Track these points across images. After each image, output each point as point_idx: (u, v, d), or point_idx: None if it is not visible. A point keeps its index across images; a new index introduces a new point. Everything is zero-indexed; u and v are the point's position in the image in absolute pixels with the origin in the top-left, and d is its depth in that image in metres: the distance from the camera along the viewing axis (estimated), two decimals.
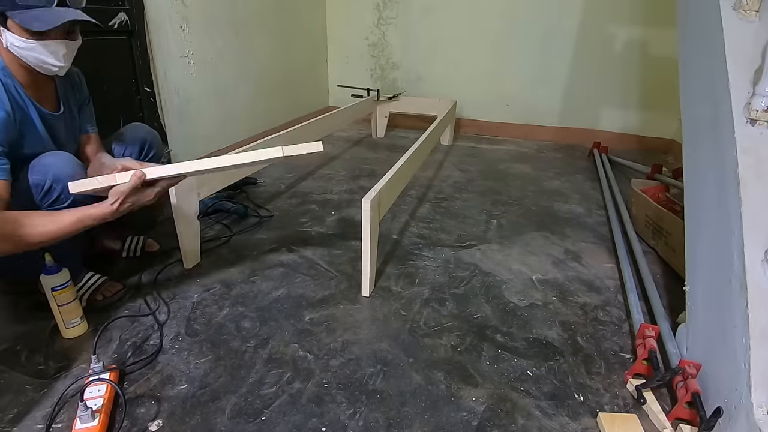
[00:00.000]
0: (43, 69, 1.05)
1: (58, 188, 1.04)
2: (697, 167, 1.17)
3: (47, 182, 1.03)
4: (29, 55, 1.01)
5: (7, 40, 1.00)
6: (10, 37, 0.99)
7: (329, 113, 2.33)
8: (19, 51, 1.01)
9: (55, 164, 1.05)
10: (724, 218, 0.98)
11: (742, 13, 1.07)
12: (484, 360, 1.12)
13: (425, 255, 1.60)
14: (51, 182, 1.03)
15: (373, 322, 1.24)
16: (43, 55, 1.02)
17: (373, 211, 1.25)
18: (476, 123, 3.39)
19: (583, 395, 1.02)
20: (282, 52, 2.90)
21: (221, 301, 1.31)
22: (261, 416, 0.94)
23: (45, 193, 1.04)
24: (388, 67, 3.45)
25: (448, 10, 3.12)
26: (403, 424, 0.93)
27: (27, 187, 1.03)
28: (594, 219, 1.95)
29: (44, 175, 1.03)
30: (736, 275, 0.90)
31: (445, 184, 2.33)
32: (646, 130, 3.04)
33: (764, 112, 0.96)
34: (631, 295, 1.32)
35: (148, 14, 1.85)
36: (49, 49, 1.01)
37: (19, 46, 1.00)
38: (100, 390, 0.93)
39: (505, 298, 1.37)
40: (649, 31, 2.79)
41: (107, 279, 1.30)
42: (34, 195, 1.04)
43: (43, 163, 1.05)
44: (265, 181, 2.27)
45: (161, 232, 1.69)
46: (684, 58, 1.32)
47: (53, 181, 1.03)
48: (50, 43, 1.01)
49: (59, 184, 1.03)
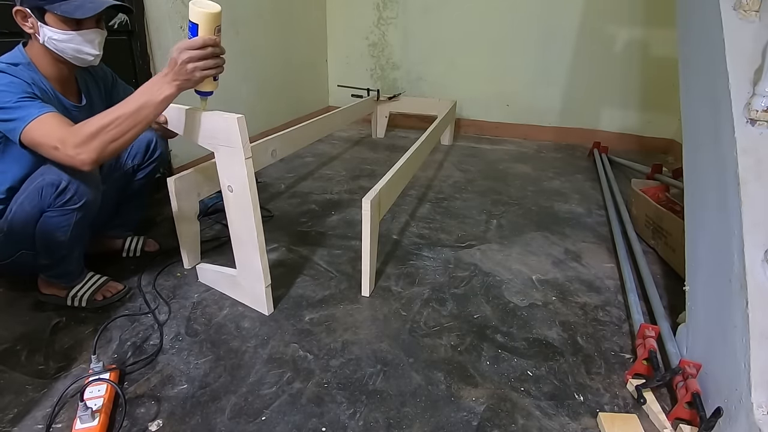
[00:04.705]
0: (80, 60, 1.10)
1: (72, 189, 1.06)
2: (697, 167, 1.17)
3: (62, 182, 1.05)
4: (67, 47, 1.06)
5: (45, 35, 1.04)
6: (48, 31, 1.03)
7: (329, 113, 2.33)
8: (57, 44, 1.05)
9: None
10: (724, 218, 0.98)
11: (742, 13, 1.07)
12: (484, 360, 1.12)
13: (425, 255, 1.60)
14: (66, 183, 1.06)
15: (373, 322, 1.24)
16: (81, 45, 1.07)
17: (373, 211, 1.25)
18: (476, 123, 3.39)
19: (583, 395, 1.02)
20: (282, 52, 2.90)
21: (221, 301, 1.31)
22: (261, 416, 0.94)
23: (59, 193, 1.06)
24: (388, 67, 3.45)
25: (448, 10, 3.12)
26: (403, 424, 0.93)
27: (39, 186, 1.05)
28: (594, 219, 1.95)
29: (60, 175, 1.06)
30: (736, 275, 0.90)
31: (445, 184, 2.33)
32: (646, 130, 3.04)
33: (764, 112, 0.96)
34: (631, 295, 1.32)
35: (148, 14, 1.85)
36: (86, 39, 1.07)
37: (58, 39, 1.04)
38: (100, 390, 0.93)
39: (505, 298, 1.37)
40: (649, 31, 2.79)
41: (108, 279, 1.30)
42: (46, 194, 1.06)
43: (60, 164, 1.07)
44: (265, 181, 2.27)
45: (161, 232, 1.69)
46: (684, 58, 1.32)
47: (68, 182, 1.06)
48: (87, 33, 1.07)
49: (74, 185, 1.06)
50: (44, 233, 1.10)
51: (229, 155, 1.09)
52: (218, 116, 1.08)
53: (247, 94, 2.60)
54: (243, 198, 1.12)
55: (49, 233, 1.10)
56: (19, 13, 1.03)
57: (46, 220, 1.08)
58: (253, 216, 1.12)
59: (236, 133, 1.04)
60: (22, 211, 1.08)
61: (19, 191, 1.09)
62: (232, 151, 1.08)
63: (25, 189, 1.08)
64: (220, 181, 1.16)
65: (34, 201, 1.06)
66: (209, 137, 1.12)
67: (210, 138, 1.12)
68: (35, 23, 1.03)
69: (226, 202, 1.18)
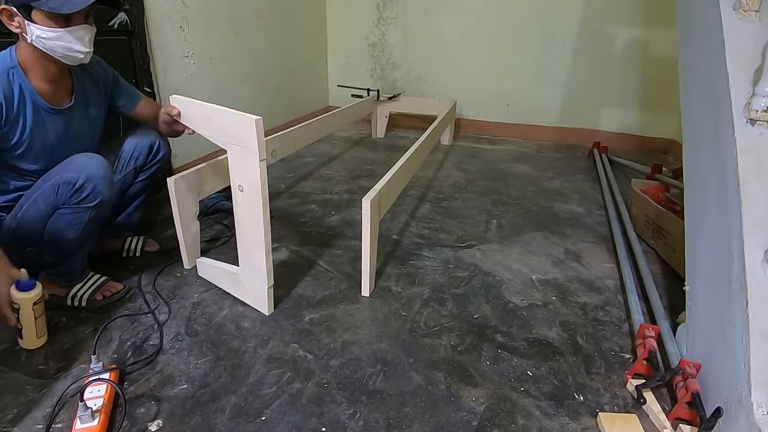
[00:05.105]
0: (70, 58, 1.08)
1: (88, 187, 1.08)
2: (697, 167, 1.17)
3: (80, 180, 1.06)
4: (56, 45, 1.04)
5: (32, 33, 1.02)
6: (36, 29, 1.01)
7: (329, 113, 2.33)
8: (46, 42, 1.03)
9: (88, 165, 1.10)
10: (724, 218, 0.98)
11: (742, 13, 1.07)
12: (484, 360, 1.12)
13: (425, 255, 1.60)
14: (83, 181, 1.07)
15: (373, 322, 1.24)
16: (71, 42, 1.05)
17: (373, 211, 1.25)
18: (476, 123, 3.39)
19: (583, 395, 1.02)
20: (282, 52, 2.90)
21: (221, 301, 1.31)
22: (261, 416, 0.94)
23: (75, 191, 1.07)
24: (388, 67, 3.45)
25: (448, 10, 3.12)
26: (403, 424, 0.93)
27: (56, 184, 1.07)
28: (594, 219, 1.95)
29: (77, 173, 1.07)
30: (736, 275, 0.90)
31: (445, 184, 2.33)
32: (646, 130, 3.04)
33: (764, 112, 0.96)
34: (631, 295, 1.32)
35: (148, 14, 1.85)
36: (75, 36, 1.05)
37: (46, 37, 1.02)
38: (100, 390, 0.93)
39: (505, 298, 1.37)
40: (649, 31, 2.79)
41: (108, 279, 1.30)
42: (62, 191, 1.07)
43: (77, 163, 1.10)
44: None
45: (161, 232, 1.69)
46: (684, 58, 1.32)
47: (86, 180, 1.07)
48: (75, 29, 1.05)
49: (90, 183, 1.08)
50: (55, 231, 1.10)
51: (242, 155, 1.09)
52: (235, 115, 1.08)
53: (247, 94, 2.60)
54: (254, 198, 1.12)
55: (60, 231, 1.10)
56: (5, 12, 1.01)
57: (59, 217, 1.09)
58: (261, 217, 1.12)
59: (253, 135, 1.04)
60: (35, 209, 1.09)
61: (32, 188, 1.11)
62: (246, 152, 1.08)
63: (40, 186, 1.09)
64: (231, 179, 1.16)
65: (50, 198, 1.07)
66: (223, 135, 1.12)
67: (224, 136, 1.12)
68: (22, 22, 1.01)
69: (234, 201, 1.18)
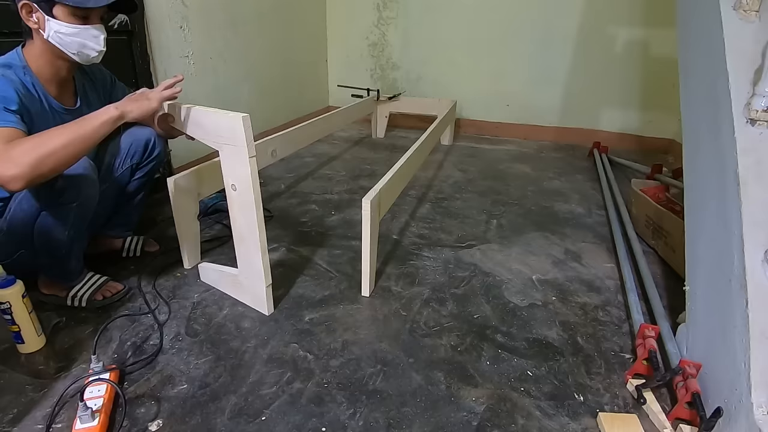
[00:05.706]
0: (83, 56, 1.10)
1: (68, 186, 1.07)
2: (697, 167, 1.17)
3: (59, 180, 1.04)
4: (73, 41, 1.06)
5: (50, 29, 1.03)
6: (55, 24, 1.03)
7: (329, 113, 2.33)
8: (63, 38, 1.05)
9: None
10: (723, 218, 0.98)
11: (742, 13, 1.07)
12: (484, 360, 1.12)
13: (425, 255, 1.60)
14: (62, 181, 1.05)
15: (373, 322, 1.24)
16: (87, 40, 1.08)
17: (373, 211, 1.25)
18: (476, 123, 3.39)
19: (583, 395, 1.02)
20: (282, 52, 2.90)
21: (221, 301, 1.31)
22: (261, 416, 0.94)
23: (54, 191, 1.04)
24: (388, 67, 3.45)
25: (448, 10, 3.12)
26: (403, 424, 0.93)
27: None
28: (594, 219, 1.95)
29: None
30: (736, 275, 0.90)
31: (445, 184, 2.33)
32: (646, 130, 3.03)
33: (764, 112, 0.95)
34: (631, 295, 1.32)
35: (148, 14, 1.85)
36: (92, 33, 1.08)
37: (64, 33, 1.04)
38: (100, 390, 0.93)
39: (505, 298, 1.37)
40: (649, 32, 2.79)
41: (108, 279, 1.30)
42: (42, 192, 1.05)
43: None
44: (265, 181, 2.27)
45: (161, 232, 1.69)
46: (684, 58, 1.32)
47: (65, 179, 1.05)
48: (92, 28, 1.08)
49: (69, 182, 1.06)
50: (42, 232, 1.10)
51: (233, 154, 1.10)
52: (223, 115, 1.08)
53: (247, 94, 2.60)
54: (246, 197, 1.12)
55: (48, 232, 1.10)
56: (25, 7, 1.02)
57: (44, 218, 1.09)
58: (255, 215, 1.12)
59: (241, 132, 1.05)
60: (20, 210, 1.08)
61: None
62: (236, 150, 1.08)
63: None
64: (224, 179, 1.16)
65: (32, 200, 1.07)
66: (214, 135, 1.13)
67: (215, 136, 1.12)
68: (41, 17, 1.03)
69: (229, 201, 1.18)
